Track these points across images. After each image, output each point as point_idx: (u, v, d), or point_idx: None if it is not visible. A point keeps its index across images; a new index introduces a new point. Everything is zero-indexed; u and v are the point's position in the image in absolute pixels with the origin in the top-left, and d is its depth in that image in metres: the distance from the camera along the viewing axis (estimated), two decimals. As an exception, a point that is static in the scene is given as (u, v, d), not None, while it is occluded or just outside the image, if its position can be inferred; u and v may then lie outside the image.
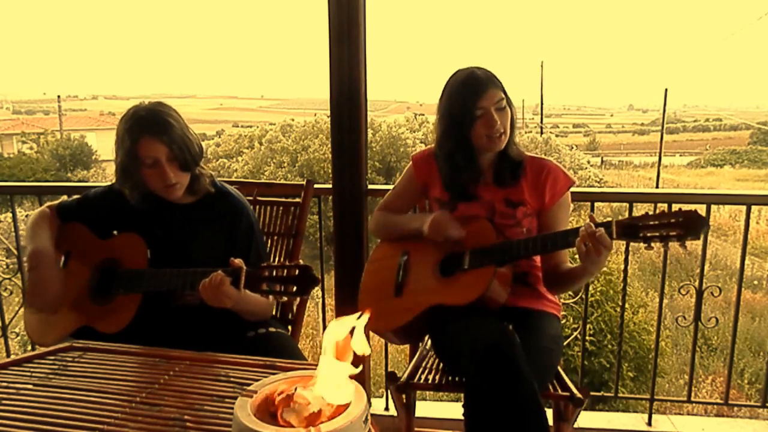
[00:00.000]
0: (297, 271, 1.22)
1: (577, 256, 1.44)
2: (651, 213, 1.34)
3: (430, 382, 1.56)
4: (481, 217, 1.61)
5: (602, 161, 30.36)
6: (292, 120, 15.52)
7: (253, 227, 1.59)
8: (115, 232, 1.56)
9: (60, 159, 18.90)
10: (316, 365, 0.85)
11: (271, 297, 1.26)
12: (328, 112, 2.10)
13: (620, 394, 3.58)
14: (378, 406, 2.28)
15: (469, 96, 1.54)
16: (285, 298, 1.24)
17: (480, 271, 1.51)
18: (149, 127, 1.42)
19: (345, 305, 2.13)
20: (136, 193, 1.51)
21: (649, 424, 2.16)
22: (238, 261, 1.29)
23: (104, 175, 17.73)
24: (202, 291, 1.32)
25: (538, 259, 1.66)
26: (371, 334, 2.04)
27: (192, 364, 1.18)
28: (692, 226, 1.28)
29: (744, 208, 2.05)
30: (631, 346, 4.40)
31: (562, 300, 1.86)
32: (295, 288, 1.22)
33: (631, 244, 1.46)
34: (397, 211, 1.79)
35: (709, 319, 2.15)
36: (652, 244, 1.32)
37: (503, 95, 1.56)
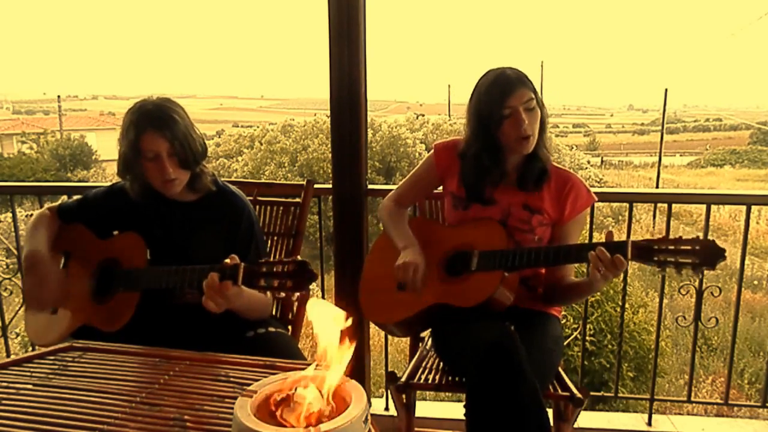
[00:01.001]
0: (294, 267, 1.22)
1: (580, 269, 1.43)
2: (669, 237, 1.32)
3: (430, 382, 1.56)
4: (493, 219, 1.59)
5: (602, 161, 30.36)
6: (293, 120, 15.52)
7: (254, 227, 1.59)
8: (115, 233, 1.57)
9: (60, 159, 18.90)
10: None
11: (269, 294, 1.26)
12: (328, 112, 2.10)
13: (620, 394, 3.58)
14: (378, 406, 2.28)
15: (498, 95, 1.51)
16: (283, 294, 1.24)
17: (488, 275, 1.50)
18: (153, 121, 1.43)
19: (345, 305, 2.12)
20: (136, 185, 1.53)
21: (649, 424, 2.16)
22: (233, 258, 1.29)
23: (104, 175, 17.72)
24: (205, 302, 1.31)
25: None
26: (371, 330, 2.04)
27: (192, 364, 1.18)
28: (709, 256, 1.26)
29: (744, 208, 2.04)
30: (631, 346, 4.40)
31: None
32: (292, 283, 1.21)
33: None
34: (410, 200, 1.80)
35: (709, 319, 2.15)
36: (666, 269, 1.31)
37: (533, 95, 1.52)
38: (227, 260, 1.29)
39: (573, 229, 1.63)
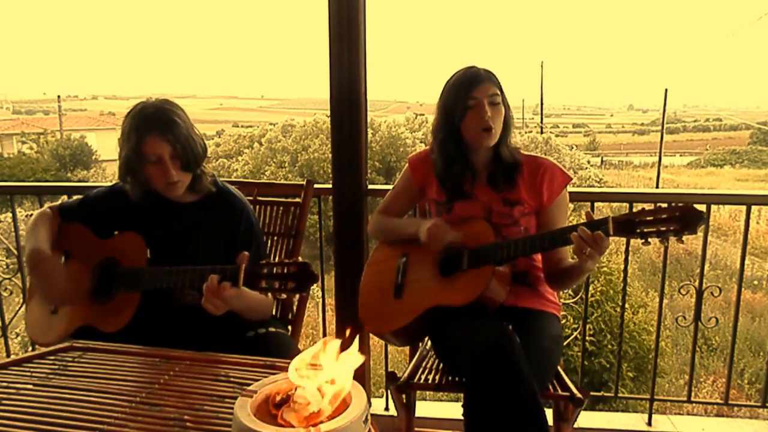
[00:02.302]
0: (295, 268, 1.23)
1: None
2: (648, 209, 1.32)
3: (430, 382, 1.56)
4: (478, 216, 1.61)
5: (602, 161, 30.33)
6: (293, 120, 15.51)
7: (254, 227, 1.59)
8: (116, 233, 1.57)
9: (60, 159, 18.89)
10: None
11: (270, 294, 1.26)
12: (328, 112, 2.10)
13: (620, 394, 3.58)
14: (378, 406, 2.28)
15: (464, 87, 1.57)
16: (284, 295, 1.24)
17: (479, 271, 1.51)
18: (155, 124, 1.43)
19: (345, 305, 2.13)
20: (137, 188, 1.52)
21: (649, 424, 2.16)
22: (241, 257, 1.29)
23: (104, 175, 17.72)
24: (204, 304, 1.32)
25: (538, 258, 1.66)
26: (371, 335, 2.04)
27: (192, 364, 1.18)
28: (689, 220, 1.27)
29: (744, 208, 2.05)
30: (631, 346, 4.40)
31: (562, 300, 1.86)
32: (293, 285, 1.22)
33: (632, 242, 1.46)
34: (396, 213, 1.79)
35: (709, 319, 2.15)
36: (649, 240, 1.32)
37: (499, 92, 1.58)
38: (245, 253, 1.30)
39: (557, 212, 1.64)
